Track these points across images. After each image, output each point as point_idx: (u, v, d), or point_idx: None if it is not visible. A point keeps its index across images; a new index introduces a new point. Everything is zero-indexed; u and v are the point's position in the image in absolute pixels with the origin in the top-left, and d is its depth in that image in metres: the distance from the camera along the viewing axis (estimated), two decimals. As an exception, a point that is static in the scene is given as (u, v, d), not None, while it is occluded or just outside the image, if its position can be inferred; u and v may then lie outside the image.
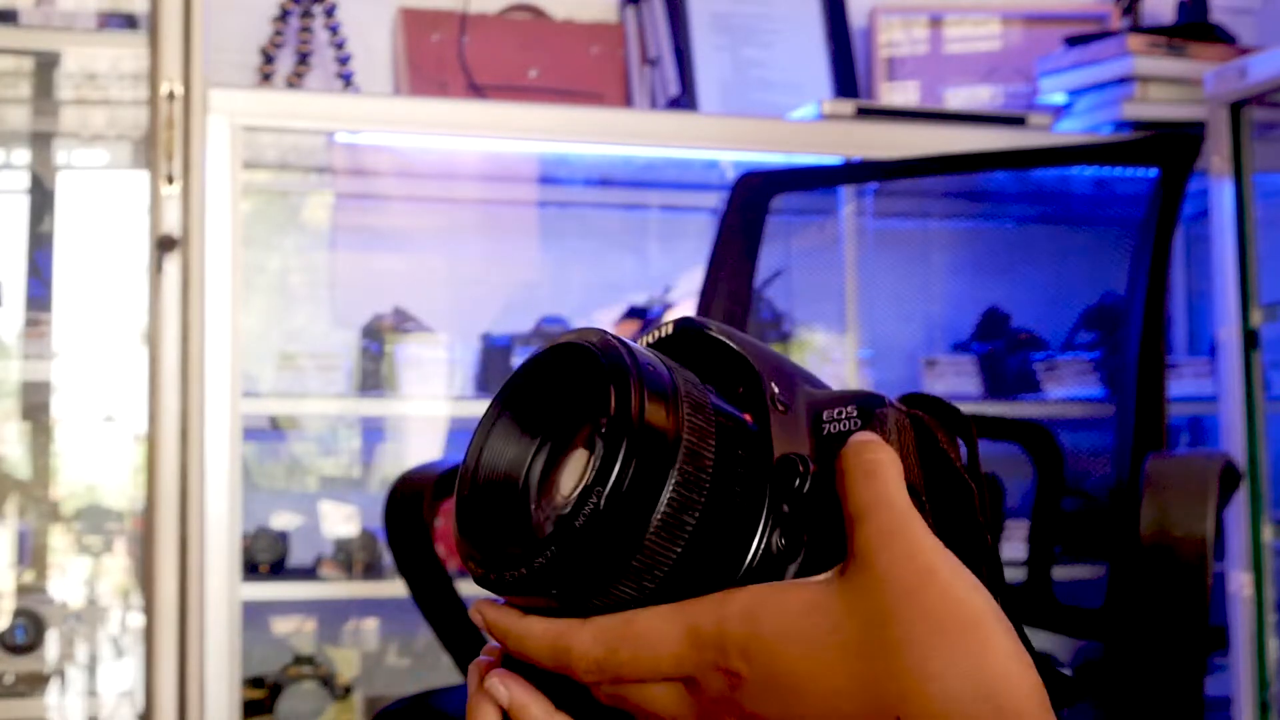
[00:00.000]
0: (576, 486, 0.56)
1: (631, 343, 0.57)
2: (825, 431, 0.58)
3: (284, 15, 2.54)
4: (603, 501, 0.53)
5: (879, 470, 0.55)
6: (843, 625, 0.52)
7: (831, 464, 0.57)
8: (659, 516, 0.54)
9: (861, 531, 0.54)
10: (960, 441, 0.61)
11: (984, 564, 0.57)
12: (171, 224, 2.05)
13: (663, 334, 0.62)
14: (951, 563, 0.53)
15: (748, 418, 0.58)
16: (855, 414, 0.58)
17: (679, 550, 0.55)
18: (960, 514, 0.59)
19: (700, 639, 0.54)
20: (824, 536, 0.56)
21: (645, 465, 0.54)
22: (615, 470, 0.53)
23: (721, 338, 0.60)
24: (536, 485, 0.59)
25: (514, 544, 0.56)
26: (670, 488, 0.54)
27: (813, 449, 0.58)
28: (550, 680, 0.59)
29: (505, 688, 0.60)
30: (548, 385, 0.59)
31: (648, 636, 0.55)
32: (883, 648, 0.51)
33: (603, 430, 0.54)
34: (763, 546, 0.56)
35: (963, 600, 0.52)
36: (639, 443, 0.54)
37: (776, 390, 0.58)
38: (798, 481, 0.56)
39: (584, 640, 0.56)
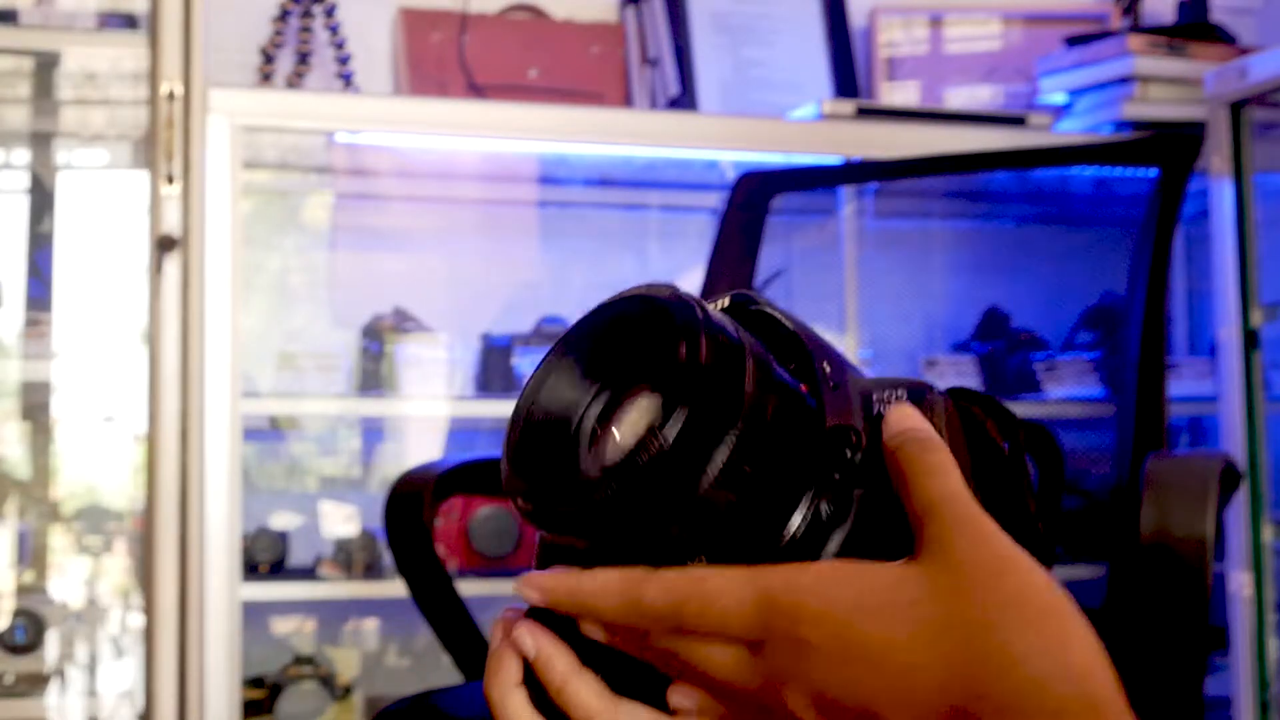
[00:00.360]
0: (638, 430, 0.56)
1: (702, 300, 0.58)
2: (875, 411, 0.60)
3: (284, 15, 2.54)
4: (669, 442, 0.54)
5: (942, 468, 0.56)
6: (923, 604, 0.52)
7: (880, 441, 0.58)
8: (719, 465, 0.55)
9: (933, 524, 0.54)
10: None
11: (1034, 552, 0.58)
12: (171, 224, 2.05)
13: (718, 306, 0.63)
14: (1024, 553, 0.54)
15: (804, 388, 0.60)
16: (904, 395, 0.60)
17: (732, 500, 0.55)
18: (1009, 501, 0.60)
19: (774, 605, 0.54)
20: (871, 508, 0.57)
21: (711, 413, 0.55)
22: (684, 415, 0.54)
23: (776, 314, 0.62)
24: (590, 431, 0.60)
25: (561, 484, 0.57)
26: (733, 439, 0.55)
27: (864, 426, 0.59)
28: (578, 640, 0.59)
29: (532, 639, 0.60)
30: (612, 334, 0.60)
31: (720, 596, 0.54)
32: (965, 629, 0.51)
33: (671, 378, 0.55)
34: (811, 510, 0.57)
35: (1042, 588, 0.52)
36: (706, 392, 0.55)
37: (828, 369, 0.60)
38: (849, 451, 0.57)
39: (654, 589, 0.55)
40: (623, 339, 0.59)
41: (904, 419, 0.58)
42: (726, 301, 0.63)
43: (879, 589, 0.53)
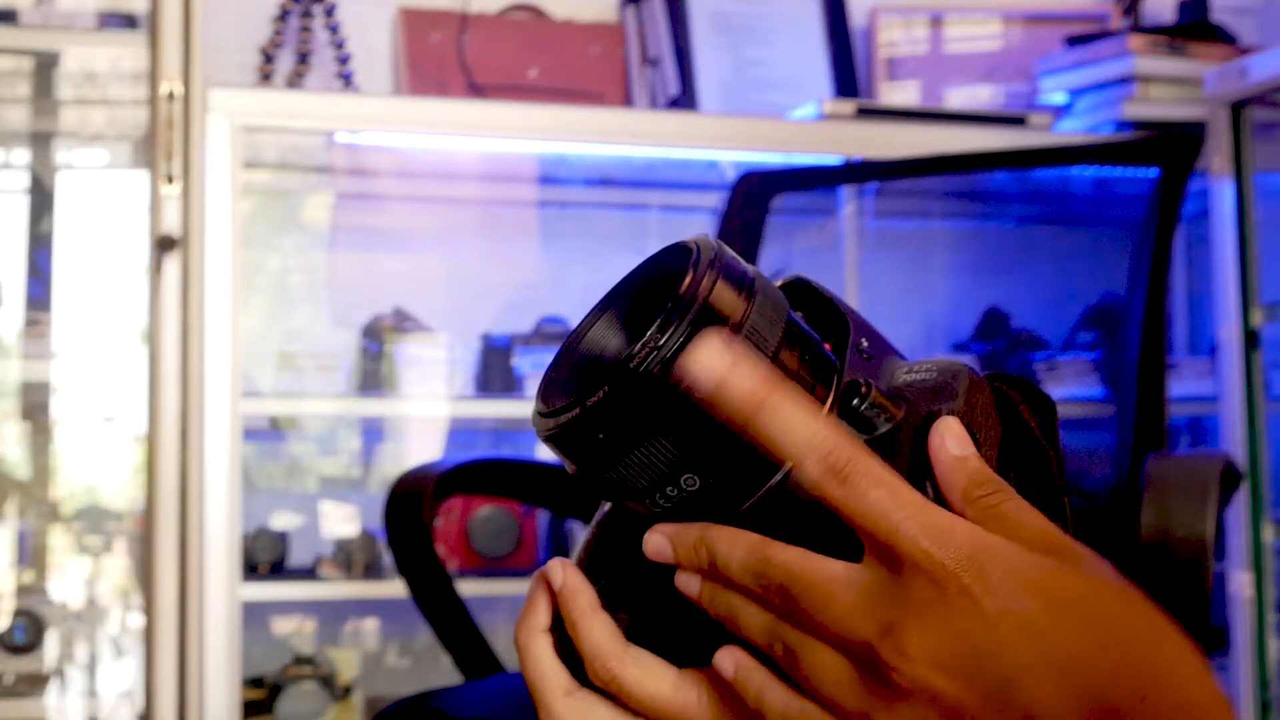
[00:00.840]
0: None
1: (729, 250, 0.60)
2: (899, 380, 0.60)
3: (284, 15, 2.54)
4: (663, 352, 0.55)
5: (1027, 508, 0.56)
6: (1090, 602, 0.53)
7: (908, 404, 0.58)
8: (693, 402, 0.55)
9: (1061, 554, 0.54)
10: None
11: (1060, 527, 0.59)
12: (171, 224, 2.05)
13: (777, 284, 0.64)
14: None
15: (827, 345, 0.61)
16: (934, 369, 0.60)
17: (719, 423, 0.56)
18: (1039, 481, 0.61)
19: (955, 539, 0.53)
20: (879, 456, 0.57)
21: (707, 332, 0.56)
22: (668, 336, 0.56)
23: (827, 295, 0.63)
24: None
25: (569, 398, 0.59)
26: None
27: (890, 390, 0.60)
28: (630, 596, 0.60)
29: (561, 572, 0.60)
30: (647, 283, 0.61)
31: (911, 502, 0.54)
32: (1122, 644, 0.52)
33: (671, 304, 0.56)
34: None
35: (1155, 610, 0.55)
36: (698, 318, 0.56)
37: (865, 344, 0.61)
38: (856, 401, 0.58)
39: (852, 452, 0.55)
40: (656, 287, 0.60)
41: (962, 442, 0.57)
42: (780, 283, 0.64)
43: (1053, 574, 0.53)
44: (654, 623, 0.60)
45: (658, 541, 0.58)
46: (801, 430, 0.55)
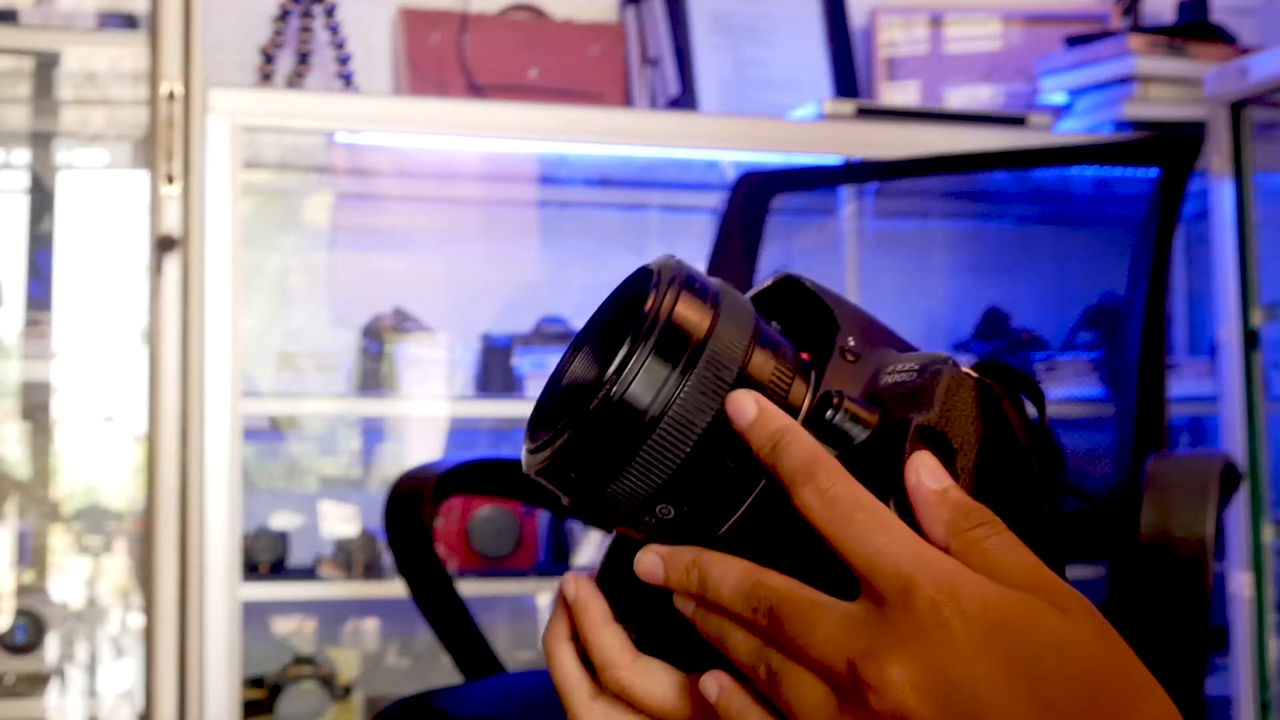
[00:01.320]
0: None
1: (691, 267, 0.60)
2: (880, 382, 0.60)
3: (284, 15, 2.54)
4: (615, 388, 0.56)
5: (1016, 545, 0.56)
6: (1081, 644, 0.53)
7: (884, 408, 0.58)
8: (672, 412, 0.56)
9: (1047, 593, 0.54)
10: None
11: (1037, 530, 0.59)
12: (171, 224, 2.05)
13: (764, 286, 0.64)
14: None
15: (805, 356, 0.61)
16: (914, 368, 0.60)
17: (688, 450, 0.57)
18: (1019, 482, 0.61)
19: (937, 569, 0.53)
20: (855, 468, 0.57)
21: (664, 360, 0.56)
22: (632, 361, 0.56)
23: (816, 291, 0.63)
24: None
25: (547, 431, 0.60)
26: (686, 386, 0.56)
27: (864, 394, 0.59)
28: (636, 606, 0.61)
29: (574, 585, 0.62)
30: (615, 312, 0.62)
31: (895, 530, 0.54)
32: (1101, 687, 0.52)
33: (634, 327, 0.57)
34: None
35: (1136, 664, 0.55)
36: (662, 339, 0.57)
37: (851, 343, 0.61)
38: (829, 413, 0.58)
39: (836, 479, 0.55)
40: (625, 315, 0.60)
41: (938, 475, 0.57)
42: (770, 282, 0.64)
43: (1039, 613, 0.53)
44: (662, 633, 0.61)
45: (650, 562, 0.60)
46: (798, 455, 0.56)
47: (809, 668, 0.55)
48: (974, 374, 0.61)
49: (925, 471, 0.57)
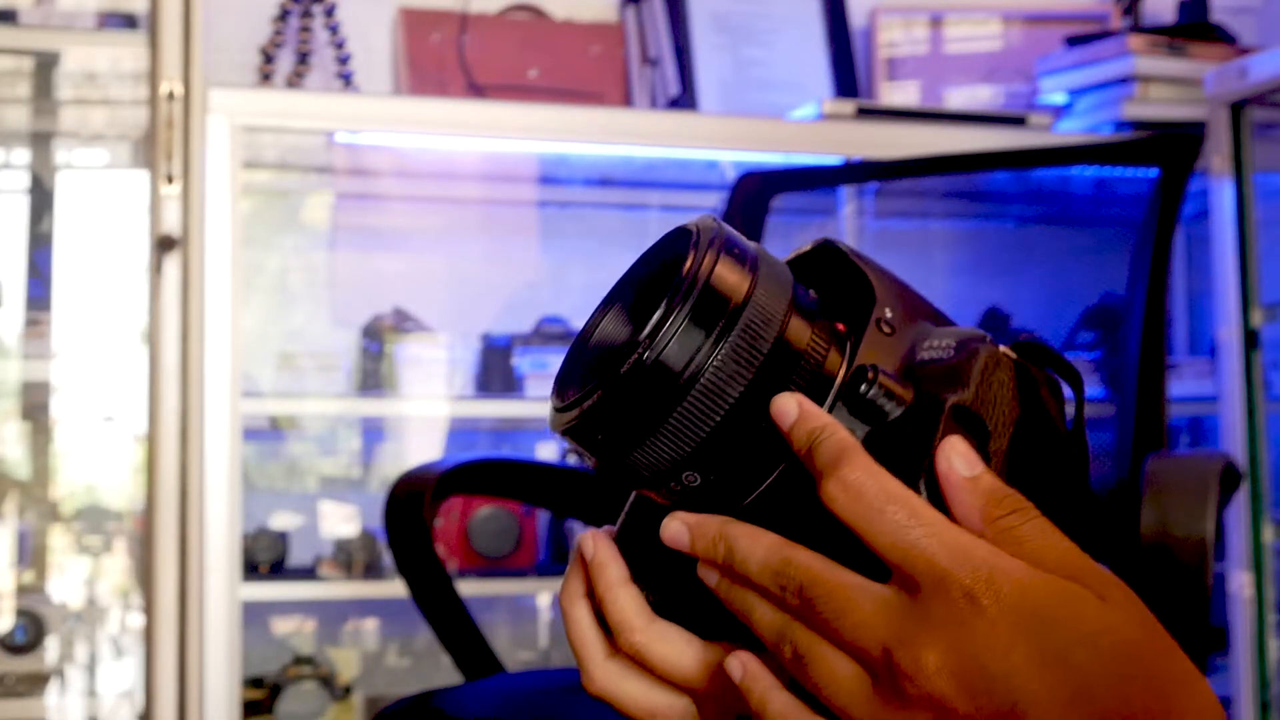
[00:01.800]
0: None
1: (730, 229, 0.59)
2: (917, 357, 0.59)
3: (284, 15, 2.54)
4: (648, 352, 0.55)
5: (1057, 539, 0.55)
6: (1117, 630, 0.52)
7: (919, 385, 0.57)
8: (705, 378, 0.55)
9: (1088, 580, 0.54)
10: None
11: (1076, 515, 0.58)
12: (171, 224, 2.05)
13: (803, 251, 0.63)
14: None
15: (840, 326, 0.59)
16: (952, 345, 0.59)
17: (719, 418, 0.56)
18: (1055, 467, 0.60)
19: (973, 559, 0.53)
20: (873, 447, 0.56)
21: (699, 324, 0.55)
22: (668, 324, 0.55)
23: (855, 260, 0.62)
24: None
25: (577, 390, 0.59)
26: (721, 352, 0.55)
27: (900, 369, 0.58)
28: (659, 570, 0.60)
29: (593, 543, 0.61)
30: (650, 271, 0.61)
31: (928, 519, 0.54)
32: (1144, 679, 0.52)
33: (673, 288, 0.56)
34: None
35: (1180, 655, 0.54)
36: (700, 302, 0.55)
37: (889, 314, 0.60)
38: (864, 387, 0.57)
39: (865, 470, 0.55)
40: (661, 274, 0.59)
41: (972, 462, 0.56)
42: (809, 247, 0.63)
43: (1080, 601, 0.53)
44: (681, 598, 0.60)
45: (675, 529, 0.59)
46: (828, 441, 0.55)
47: (842, 648, 0.54)
48: (1013, 354, 0.60)
49: (957, 457, 0.56)
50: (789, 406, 0.56)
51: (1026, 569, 0.53)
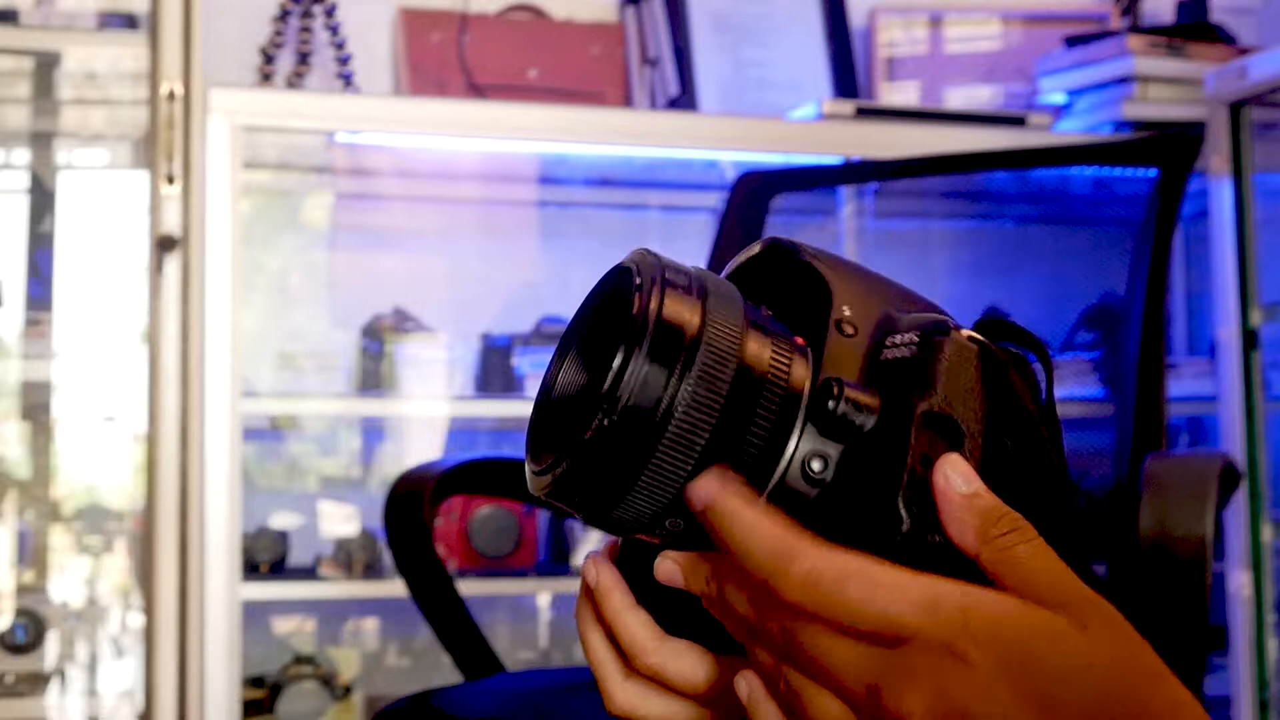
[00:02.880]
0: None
1: (666, 259, 0.58)
2: (881, 356, 0.58)
3: (284, 15, 2.54)
4: (608, 417, 0.54)
5: (1049, 561, 0.54)
6: (1097, 669, 0.51)
7: (886, 389, 0.56)
8: (670, 430, 0.54)
9: (1080, 609, 0.53)
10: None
11: (1051, 504, 0.57)
12: (171, 224, 2.05)
13: (752, 254, 0.62)
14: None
15: (799, 340, 0.58)
16: (915, 340, 0.57)
17: (691, 465, 0.54)
18: (1028, 452, 0.58)
19: (943, 609, 0.52)
20: (850, 464, 0.55)
21: (658, 369, 0.54)
22: (626, 377, 0.54)
23: (807, 258, 0.60)
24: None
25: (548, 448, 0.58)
26: (683, 398, 0.54)
27: (861, 374, 0.57)
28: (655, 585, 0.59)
29: (595, 570, 0.61)
30: (596, 315, 0.60)
31: (888, 584, 0.52)
32: (1141, 706, 0.51)
33: (625, 333, 0.55)
34: (788, 465, 0.56)
35: (1168, 676, 0.53)
36: (654, 346, 0.54)
37: (847, 312, 0.58)
38: (831, 404, 0.55)
39: (811, 560, 0.53)
40: (607, 316, 0.59)
41: (968, 478, 0.55)
42: (758, 249, 0.61)
43: (1058, 640, 0.51)
44: (686, 615, 0.60)
45: (669, 569, 0.59)
46: (760, 551, 0.54)
47: (828, 688, 0.54)
48: (977, 339, 0.58)
49: (955, 474, 0.55)
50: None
51: (1002, 605, 0.52)
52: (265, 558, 2.37)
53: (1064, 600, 0.53)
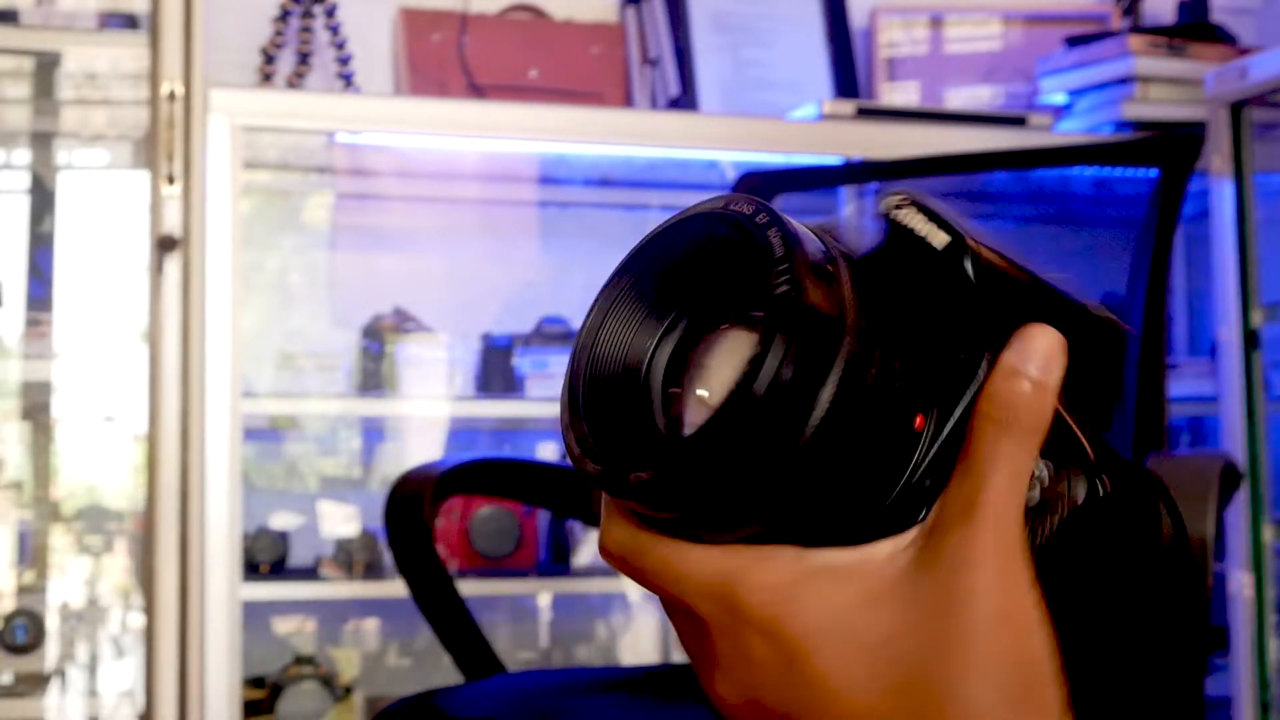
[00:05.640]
0: (728, 378, 0.47)
1: (784, 215, 0.48)
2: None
3: (284, 15, 2.54)
4: (760, 392, 0.45)
5: (1015, 466, 0.47)
6: (895, 642, 0.46)
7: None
8: (815, 420, 0.45)
9: (959, 531, 0.46)
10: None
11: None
12: (172, 224, 2.05)
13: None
14: (1037, 612, 0.47)
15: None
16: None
17: (840, 453, 0.46)
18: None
19: (728, 597, 0.48)
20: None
21: (805, 359, 0.45)
22: (771, 363, 0.45)
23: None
24: (663, 372, 0.51)
25: (637, 441, 0.49)
26: (831, 386, 0.45)
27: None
28: None
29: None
30: (684, 261, 0.50)
31: (677, 571, 0.49)
32: (936, 691, 0.45)
33: (761, 318, 0.46)
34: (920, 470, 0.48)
35: (1032, 662, 0.46)
36: (801, 332, 0.45)
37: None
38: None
39: (647, 562, 0.50)
40: (696, 263, 0.50)
41: (1029, 355, 0.48)
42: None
43: (853, 608, 0.47)
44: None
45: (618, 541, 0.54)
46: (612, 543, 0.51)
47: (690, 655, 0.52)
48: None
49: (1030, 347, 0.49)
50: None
51: (774, 573, 0.48)
52: (266, 558, 2.37)
53: (969, 510, 0.47)
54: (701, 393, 0.50)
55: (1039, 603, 0.47)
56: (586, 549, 2.53)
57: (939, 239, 0.51)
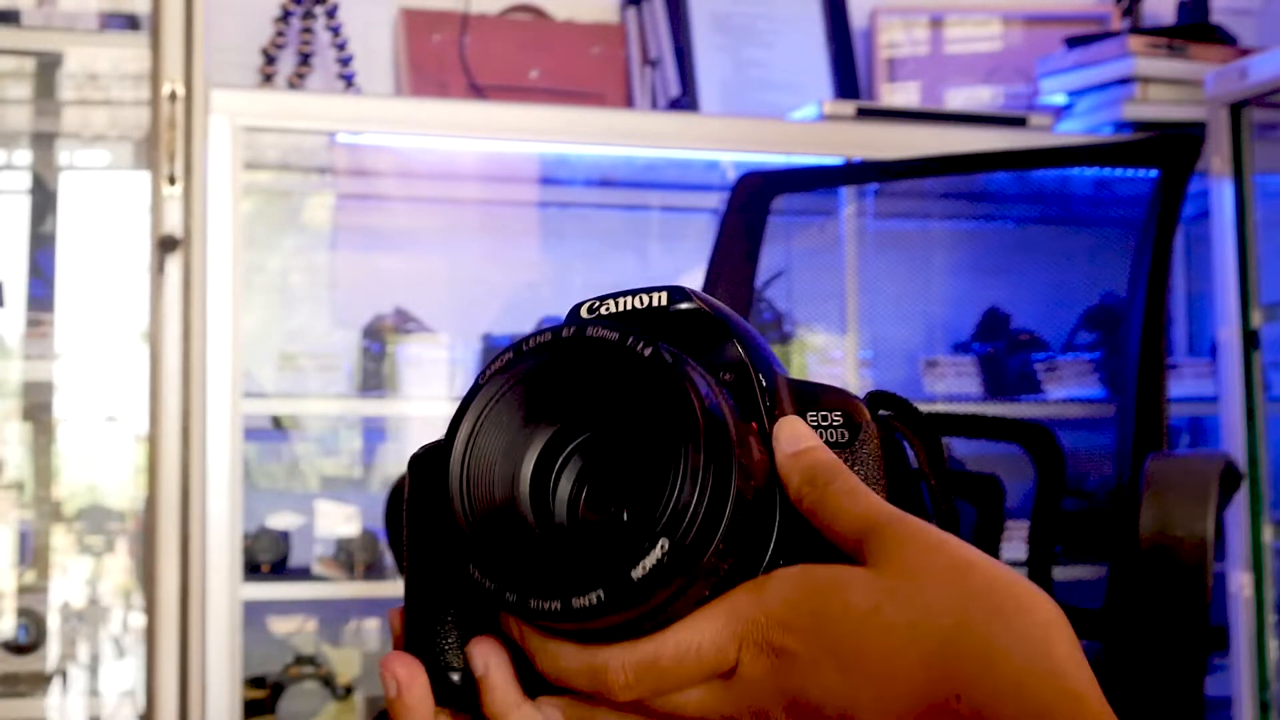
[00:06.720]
0: (650, 504, 0.52)
1: (683, 356, 0.53)
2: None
3: (285, 16, 2.54)
4: (698, 517, 0.51)
5: (859, 488, 0.55)
6: (885, 610, 0.52)
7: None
8: (722, 530, 0.52)
9: (875, 539, 0.53)
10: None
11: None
12: (173, 224, 2.05)
13: (653, 302, 0.57)
14: (984, 554, 0.53)
15: (754, 426, 0.57)
16: (841, 424, 0.58)
17: (732, 560, 0.54)
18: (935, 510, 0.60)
19: (744, 622, 0.53)
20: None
21: (708, 486, 0.52)
22: (702, 479, 0.51)
23: (714, 313, 0.57)
24: (547, 486, 0.55)
25: (545, 565, 0.52)
26: (731, 500, 0.52)
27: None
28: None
29: (483, 660, 0.57)
30: (565, 374, 0.54)
31: (689, 637, 0.54)
32: (938, 631, 0.51)
33: (682, 453, 0.51)
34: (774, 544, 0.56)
35: (1013, 584, 0.52)
36: (718, 439, 0.52)
37: (764, 383, 0.57)
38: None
39: (620, 657, 0.54)
40: (574, 378, 0.54)
41: (798, 438, 0.57)
42: (665, 299, 0.57)
43: (840, 592, 0.53)
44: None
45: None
46: (579, 675, 0.55)
47: None
48: (882, 422, 0.60)
49: (782, 436, 0.57)
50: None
51: (787, 584, 0.54)
52: (266, 558, 2.37)
53: (865, 527, 0.54)
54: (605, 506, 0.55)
55: (979, 550, 0.54)
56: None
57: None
